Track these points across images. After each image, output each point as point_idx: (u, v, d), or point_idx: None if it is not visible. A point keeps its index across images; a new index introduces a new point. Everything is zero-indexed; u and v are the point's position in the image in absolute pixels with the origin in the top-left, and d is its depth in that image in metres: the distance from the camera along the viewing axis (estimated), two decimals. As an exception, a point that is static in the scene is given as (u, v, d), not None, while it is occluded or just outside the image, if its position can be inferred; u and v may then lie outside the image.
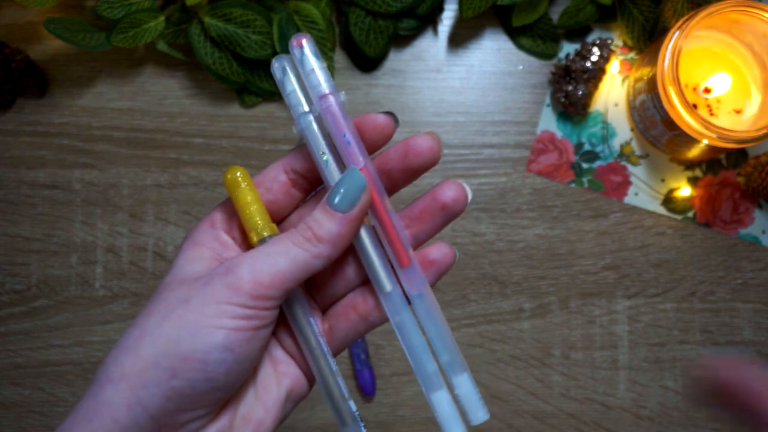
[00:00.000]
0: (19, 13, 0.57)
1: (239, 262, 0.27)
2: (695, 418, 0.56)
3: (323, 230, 0.27)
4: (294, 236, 0.27)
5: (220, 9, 0.53)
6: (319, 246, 0.27)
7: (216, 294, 0.26)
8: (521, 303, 0.56)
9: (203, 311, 0.26)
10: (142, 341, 0.26)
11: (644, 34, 0.56)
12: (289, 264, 0.27)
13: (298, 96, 0.29)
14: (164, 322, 0.26)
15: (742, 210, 0.57)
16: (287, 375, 0.30)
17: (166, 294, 0.27)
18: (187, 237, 0.29)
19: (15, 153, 0.57)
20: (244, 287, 0.26)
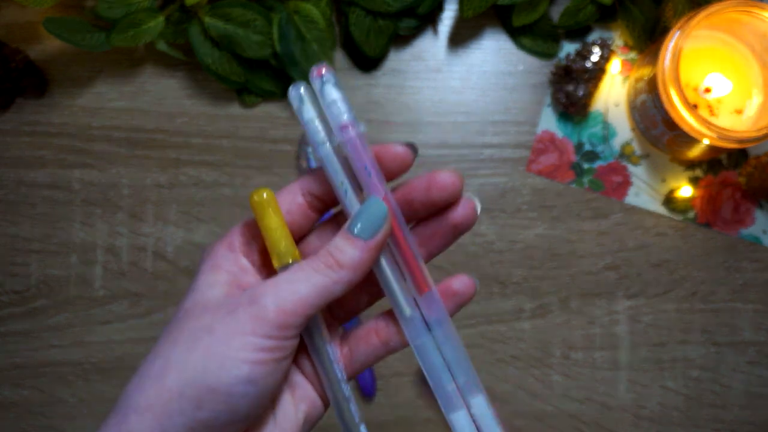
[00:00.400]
0: (18, 13, 0.57)
1: (263, 292, 0.27)
2: (696, 418, 0.56)
3: (345, 257, 0.28)
4: (315, 263, 0.28)
5: (220, 9, 0.53)
6: (341, 272, 0.28)
7: (241, 325, 0.26)
8: (521, 303, 0.56)
9: (229, 343, 0.26)
10: (168, 371, 0.26)
11: (645, 33, 0.56)
12: (310, 290, 0.27)
13: (317, 125, 0.30)
14: (190, 352, 0.26)
15: (742, 210, 0.57)
16: (304, 400, 0.30)
17: (189, 322, 0.27)
18: (206, 259, 0.30)
19: (14, 153, 0.57)
20: (268, 317, 0.26)
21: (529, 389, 0.56)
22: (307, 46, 0.53)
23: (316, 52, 0.53)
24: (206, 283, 0.28)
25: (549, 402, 0.56)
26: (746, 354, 0.56)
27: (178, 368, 0.26)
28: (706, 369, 0.56)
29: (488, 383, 0.55)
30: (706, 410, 0.56)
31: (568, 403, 0.56)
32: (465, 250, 0.56)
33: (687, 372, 0.56)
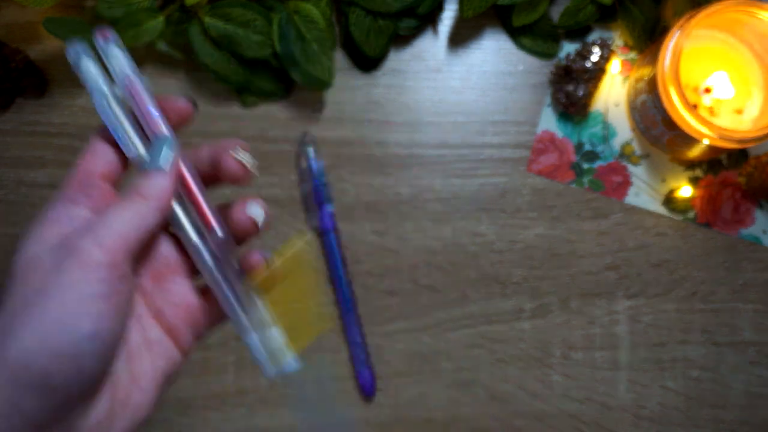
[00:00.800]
0: (18, 13, 0.57)
1: (81, 236, 0.27)
2: (696, 419, 0.56)
3: (147, 189, 0.29)
4: (122, 202, 0.28)
5: (220, 9, 0.53)
6: (149, 202, 0.29)
7: (71, 277, 0.26)
8: (521, 303, 0.56)
9: (64, 301, 0.25)
10: (8, 345, 0.25)
11: (645, 34, 0.56)
12: (126, 225, 0.27)
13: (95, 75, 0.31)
14: (26, 319, 0.25)
15: (742, 210, 0.57)
16: (161, 354, 0.30)
17: (19, 287, 0.26)
18: (40, 217, 0.29)
19: (14, 153, 0.57)
20: (93, 259, 0.26)
21: (529, 389, 0.56)
22: (307, 46, 0.53)
23: (316, 52, 0.53)
24: (34, 239, 0.28)
25: (549, 402, 0.56)
26: (746, 354, 0.56)
27: (17, 339, 0.25)
28: (706, 369, 0.56)
29: (488, 383, 0.55)
30: (706, 410, 0.56)
31: (568, 403, 0.56)
32: (465, 250, 0.56)
33: (687, 372, 0.56)
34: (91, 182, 0.30)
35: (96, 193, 0.29)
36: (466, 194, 0.57)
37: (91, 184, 0.30)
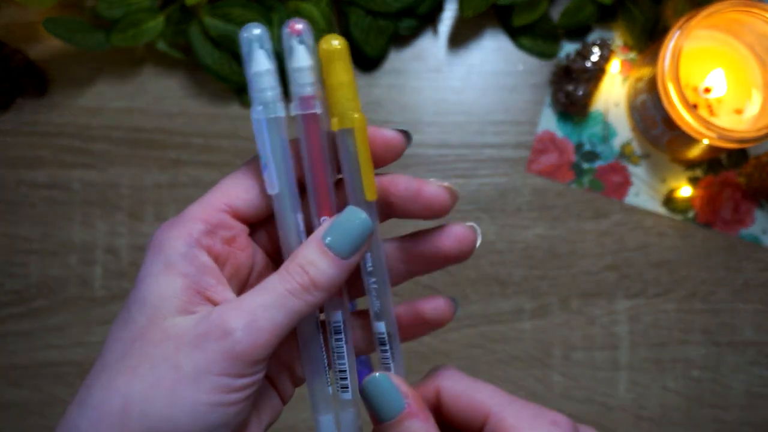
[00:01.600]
0: (18, 13, 0.57)
1: (235, 320, 0.23)
2: (696, 419, 0.56)
3: (321, 276, 0.24)
4: (288, 281, 0.24)
5: (220, 9, 0.53)
6: (316, 294, 0.24)
7: (210, 364, 0.23)
8: (522, 303, 0.56)
9: (198, 386, 0.23)
10: (130, 414, 0.23)
11: (645, 34, 0.56)
12: (285, 317, 0.24)
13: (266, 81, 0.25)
14: (153, 394, 0.23)
15: (742, 210, 0.57)
16: (268, 408, 0.28)
17: (146, 348, 0.23)
18: (154, 254, 0.25)
19: (14, 153, 0.57)
20: (242, 354, 0.23)
21: (529, 389, 0.56)
22: (307, 46, 0.53)
23: (316, 52, 0.53)
24: (158, 292, 0.24)
25: (549, 402, 0.56)
26: (746, 354, 0.56)
27: (141, 412, 0.23)
28: (706, 369, 0.56)
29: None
30: (707, 410, 0.56)
31: (568, 404, 0.56)
32: (465, 250, 0.56)
33: (687, 372, 0.56)
34: (218, 221, 0.25)
35: (222, 235, 0.25)
36: (466, 194, 0.57)
37: (218, 224, 0.25)
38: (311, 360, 0.27)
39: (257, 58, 0.25)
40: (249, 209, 0.26)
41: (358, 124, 0.25)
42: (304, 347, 0.27)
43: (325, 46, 0.25)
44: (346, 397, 0.28)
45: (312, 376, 0.28)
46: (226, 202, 0.25)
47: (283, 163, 0.25)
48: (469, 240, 0.27)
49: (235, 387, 0.23)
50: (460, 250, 0.27)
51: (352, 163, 0.26)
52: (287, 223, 0.26)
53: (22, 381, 0.56)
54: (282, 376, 0.28)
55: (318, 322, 0.27)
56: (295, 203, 0.26)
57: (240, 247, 0.26)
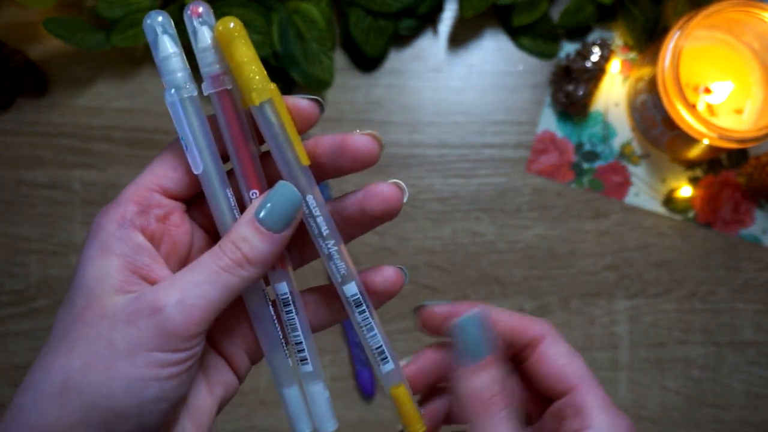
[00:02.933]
0: (18, 13, 0.57)
1: (166, 298, 0.24)
2: (696, 419, 0.56)
3: (254, 252, 0.25)
4: (221, 258, 0.24)
5: (220, 9, 0.53)
6: (250, 269, 0.25)
7: (144, 340, 0.23)
8: (521, 303, 0.56)
9: (134, 361, 0.23)
10: (69, 392, 0.23)
11: (645, 34, 0.56)
12: (219, 293, 0.24)
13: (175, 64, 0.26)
14: (91, 370, 0.23)
15: (742, 210, 0.57)
16: (219, 383, 0.28)
17: (83, 328, 0.24)
18: (91, 239, 0.25)
19: (14, 153, 0.57)
20: (175, 330, 0.23)
21: (529, 389, 0.56)
22: (307, 46, 0.53)
23: (316, 52, 0.53)
24: (95, 273, 0.24)
25: (549, 402, 0.56)
26: (746, 354, 0.56)
27: (79, 389, 0.23)
28: (706, 369, 0.56)
29: (488, 383, 0.55)
30: (707, 410, 0.56)
31: (568, 403, 0.56)
32: (465, 250, 0.56)
33: (687, 372, 0.56)
34: (150, 200, 0.26)
35: (155, 213, 0.26)
36: (466, 194, 0.57)
37: (150, 203, 0.26)
38: (265, 334, 0.28)
39: (163, 44, 0.26)
40: (178, 187, 0.26)
41: (276, 93, 0.25)
42: (256, 322, 0.28)
43: (221, 28, 0.25)
44: (307, 370, 0.28)
45: (268, 350, 0.28)
46: (155, 182, 0.26)
47: (203, 141, 0.26)
48: (394, 197, 0.26)
49: (170, 361, 0.24)
50: (385, 208, 0.26)
51: (279, 132, 0.25)
52: (217, 200, 0.26)
53: (22, 381, 0.56)
54: (233, 350, 0.28)
55: (266, 296, 0.28)
56: (222, 180, 0.26)
57: (175, 224, 0.26)
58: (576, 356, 0.28)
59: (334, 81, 0.55)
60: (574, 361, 0.28)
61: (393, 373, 0.28)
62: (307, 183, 0.26)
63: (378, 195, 0.26)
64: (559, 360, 0.28)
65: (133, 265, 0.25)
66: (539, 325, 0.28)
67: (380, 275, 0.28)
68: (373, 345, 0.28)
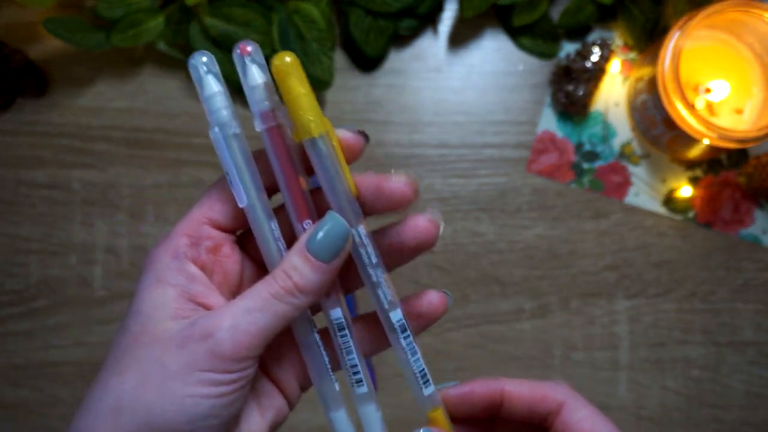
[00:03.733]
0: (18, 13, 0.57)
1: (218, 324, 0.25)
2: (696, 419, 0.56)
3: (305, 281, 0.25)
4: (273, 287, 0.25)
5: (220, 9, 0.53)
6: (301, 297, 0.25)
7: (195, 362, 0.24)
8: (522, 303, 0.56)
9: (185, 380, 0.24)
10: (122, 409, 0.24)
11: (645, 33, 0.56)
12: (270, 320, 0.25)
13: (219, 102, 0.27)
14: (143, 390, 0.24)
15: (742, 210, 0.57)
16: (270, 407, 0.28)
17: (138, 351, 0.25)
18: (147, 271, 0.27)
19: (14, 153, 0.57)
20: (225, 353, 0.24)
21: (529, 389, 0.56)
22: (307, 46, 0.53)
23: (316, 52, 0.53)
24: (151, 303, 0.26)
25: (549, 402, 0.56)
26: (746, 354, 0.56)
27: (131, 407, 0.24)
28: (706, 369, 0.56)
29: (488, 383, 0.55)
30: (707, 410, 0.56)
31: (568, 403, 0.56)
32: (465, 250, 0.56)
33: (687, 372, 0.56)
34: (200, 233, 0.27)
35: (205, 245, 0.27)
36: (466, 194, 0.57)
37: (201, 236, 0.27)
38: (312, 361, 0.28)
39: (207, 83, 0.27)
40: (227, 219, 0.27)
41: (330, 127, 0.26)
42: (303, 350, 0.28)
43: (277, 63, 0.26)
44: (362, 391, 0.29)
45: (316, 376, 0.28)
46: (204, 215, 0.27)
47: (248, 176, 0.27)
48: (430, 231, 0.27)
49: (221, 381, 0.25)
50: (421, 241, 0.27)
51: (332, 165, 0.26)
52: (262, 231, 0.27)
53: (22, 381, 0.56)
54: (285, 377, 0.29)
55: (312, 323, 0.28)
56: (266, 212, 0.27)
57: (225, 255, 0.27)
58: (600, 419, 0.28)
59: (334, 81, 0.55)
60: (598, 425, 0.28)
61: (433, 396, 0.30)
62: (355, 214, 0.27)
63: (415, 226, 0.27)
64: (583, 426, 0.28)
65: (188, 293, 0.26)
66: (557, 391, 0.29)
67: (426, 299, 0.29)
68: (416, 369, 0.29)
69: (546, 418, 0.29)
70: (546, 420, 0.29)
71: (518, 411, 0.29)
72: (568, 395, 0.29)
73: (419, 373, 0.29)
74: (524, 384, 0.29)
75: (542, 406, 0.29)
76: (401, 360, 0.29)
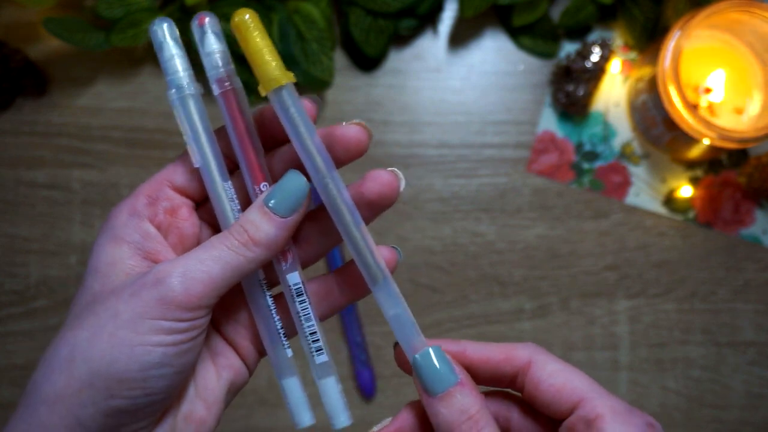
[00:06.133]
0: (18, 13, 0.57)
1: (170, 271, 0.25)
2: (696, 419, 0.56)
3: (260, 234, 0.26)
4: (228, 239, 0.26)
5: (220, 8, 0.53)
6: (255, 250, 0.26)
7: (147, 309, 0.24)
8: (522, 303, 0.56)
9: (136, 329, 0.24)
10: (75, 360, 0.24)
11: (645, 33, 0.56)
12: (222, 270, 0.25)
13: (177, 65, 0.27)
14: (95, 339, 0.24)
15: (743, 210, 0.57)
16: (227, 367, 0.29)
17: (92, 306, 0.25)
18: (104, 229, 0.27)
19: (14, 153, 0.57)
20: (176, 300, 0.25)
21: (530, 389, 0.56)
22: (307, 46, 0.53)
23: (316, 52, 0.53)
24: (108, 259, 0.26)
25: (549, 402, 0.56)
26: (746, 354, 0.56)
27: (84, 357, 0.24)
28: (706, 369, 0.56)
29: (488, 383, 0.55)
30: (707, 410, 0.56)
31: (568, 404, 0.56)
32: (465, 250, 0.56)
33: (687, 372, 0.56)
34: (159, 193, 0.28)
35: (163, 206, 0.27)
36: (466, 194, 0.57)
37: (159, 196, 0.27)
38: (264, 325, 0.28)
39: (166, 47, 0.27)
40: (188, 183, 0.28)
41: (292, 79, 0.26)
42: (256, 313, 0.28)
43: (236, 19, 0.26)
44: (323, 360, 0.28)
45: (267, 340, 0.28)
46: (167, 178, 0.28)
47: (203, 136, 0.27)
48: (392, 182, 0.27)
49: (172, 329, 0.25)
50: (382, 193, 0.27)
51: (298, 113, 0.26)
52: (216, 190, 0.27)
53: (22, 381, 0.56)
54: (239, 339, 0.29)
55: (263, 285, 0.28)
56: (221, 173, 0.27)
57: (183, 218, 0.28)
58: (571, 371, 0.27)
59: (334, 81, 0.55)
60: (571, 377, 0.26)
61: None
62: (328, 161, 0.27)
63: (375, 179, 0.27)
64: (555, 380, 0.26)
65: (143, 251, 0.27)
66: (523, 350, 0.27)
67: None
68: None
69: (515, 380, 0.27)
70: (515, 383, 0.27)
71: (483, 375, 0.27)
72: (535, 352, 0.27)
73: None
74: (487, 346, 0.28)
75: (507, 366, 0.27)
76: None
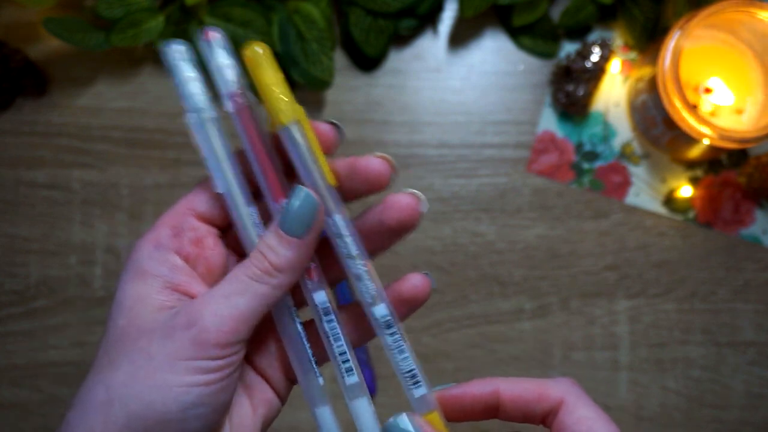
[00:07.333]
0: (18, 13, 0.57)
1: (200, 312, 0.25)
2: (696, 419, 0.56)
3: (280, 259, 0.25)
4: (250, 269, 0.25)
5: (220, 9, 0.53)
6: (279, 277, 0.25)
7: (181, 351, 0.24)
8: (522, 303, 0.56)
9: (172, 369, 0.24)
10: (112, 402, 0.24)
11: (645, 33, 0.56)
12: (250, 302, 0.25)
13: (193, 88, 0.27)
14: (132, 382, 0.24)
15: (743, 210, 0.57)
16: (262, 401, 0.28)
17: (126, 344, 0.25)
18: (129, 263, 0.26)
19: (14, 153, 0.57)
20: (209, 340, 0.24)
21: (530, 389, 0.56)
22: (307, 46, 0.53)
23: (316, 52, 0.53)
24: (135, 295, 0.26)
25: (549, 402, 0.56)
26: (746, 354, 0.56)
27: (121, 400, 0.24)
28: (706, 369, 0.56)
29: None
30: (707, 411, 0.56)
31: (568, 404, 0.56)
32: (465, 250, 0.56)
33: (687, 372, 0.56)
34: (183, 224, 0.27)
35: (189, 237, 0.27)
36: (466, 194, 0.57)
37: (184, 226, 0.27)
38: (296, 353, 0.28)
39: (181, 69, 0.27)
40: (211, 210, 0.27)
41: (303, 114, 0.26)
42: (286, 342, 0.28)
43: (248, 53, 0.26)
44: (353, 381, 0.27)
45: (299, 369, 0.28)
46: (189, 207, 0.27)
47: (225, 161, 0.26)
48: (412, 207, 0.26)
49: (208, 368, 0.25)
50: (404, 220, 0.27)
51: (306, 153, 0.26)
52: (240, 217, 0.27)
53: (22, 381, 0.56)
54: (271, 370, 0.29)
55: (293, 313, 0.28)
56: (244, 197, 0.27)
57: (209, 248, 0.27)
58: (597, 420, 0.26)
59: (334, 81, 0.55)
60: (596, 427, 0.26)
61: (427, 399, 0.28)
62: (334, 202, 0.26)
63: (394, 206, 0.26)
64: (581, 428, 0.26)
65: (171, 283, 0.26)
66: (556, 389, 0.27)
67: (408, 283, 0.28)
68: (404, 368, 0.27)
69: (545, 419, 0.27)
70: (546, 420, 0.27)
71: (514, 412, 0.27)
72: (568, 392, 0.26)
73: (408, 374, 0.27)
74: (520, 383, 0.27)
75: (538, 405, 0.27)
76: (390, 358, 0.27)
